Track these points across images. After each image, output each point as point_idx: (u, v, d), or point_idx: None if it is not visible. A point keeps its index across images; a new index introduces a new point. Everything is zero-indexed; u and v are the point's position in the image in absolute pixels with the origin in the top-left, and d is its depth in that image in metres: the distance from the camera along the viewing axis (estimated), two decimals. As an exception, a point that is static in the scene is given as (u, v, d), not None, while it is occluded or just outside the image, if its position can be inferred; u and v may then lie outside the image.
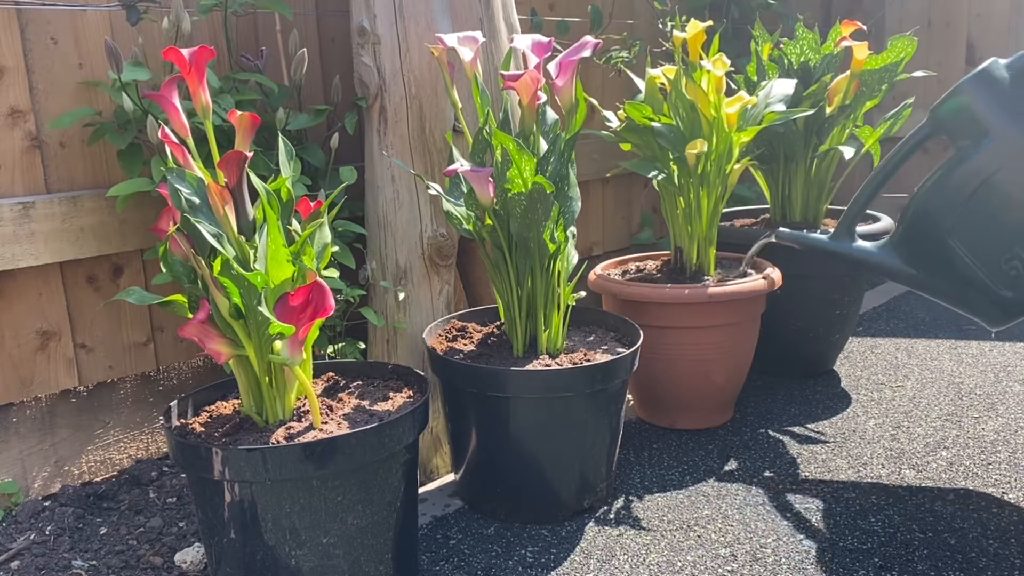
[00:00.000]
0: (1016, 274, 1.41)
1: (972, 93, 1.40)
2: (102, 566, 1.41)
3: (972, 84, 1.41)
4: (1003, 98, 1.39)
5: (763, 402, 2.03)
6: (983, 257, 1.43)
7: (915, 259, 1.54)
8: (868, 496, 1.57)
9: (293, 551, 1.16)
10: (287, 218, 1.21)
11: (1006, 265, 1.42)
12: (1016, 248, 1.40)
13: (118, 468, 1.70)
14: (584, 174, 2.43)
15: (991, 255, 1.42)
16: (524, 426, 1.44)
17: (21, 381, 1.55)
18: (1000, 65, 1.40)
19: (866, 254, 1.62)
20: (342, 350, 1.67)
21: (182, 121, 1.21)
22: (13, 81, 1.48)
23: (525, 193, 1.37)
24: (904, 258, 1.55)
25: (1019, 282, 1.41)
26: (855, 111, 2.07)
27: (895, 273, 1.58)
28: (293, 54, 1.65)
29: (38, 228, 1.49)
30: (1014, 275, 1.41)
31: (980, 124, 1.40)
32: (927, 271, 1.52)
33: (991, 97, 1.39)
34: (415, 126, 1.68)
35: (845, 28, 2.04)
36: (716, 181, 1.80)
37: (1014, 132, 1.37)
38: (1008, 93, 1.38)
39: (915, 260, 1.54)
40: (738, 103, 1.72)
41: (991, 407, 1.94)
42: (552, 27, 2.42)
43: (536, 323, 1.52)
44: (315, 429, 1.20)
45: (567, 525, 1.50)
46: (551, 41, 1.46)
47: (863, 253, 1.62)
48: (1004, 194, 1.39)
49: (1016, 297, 1.43)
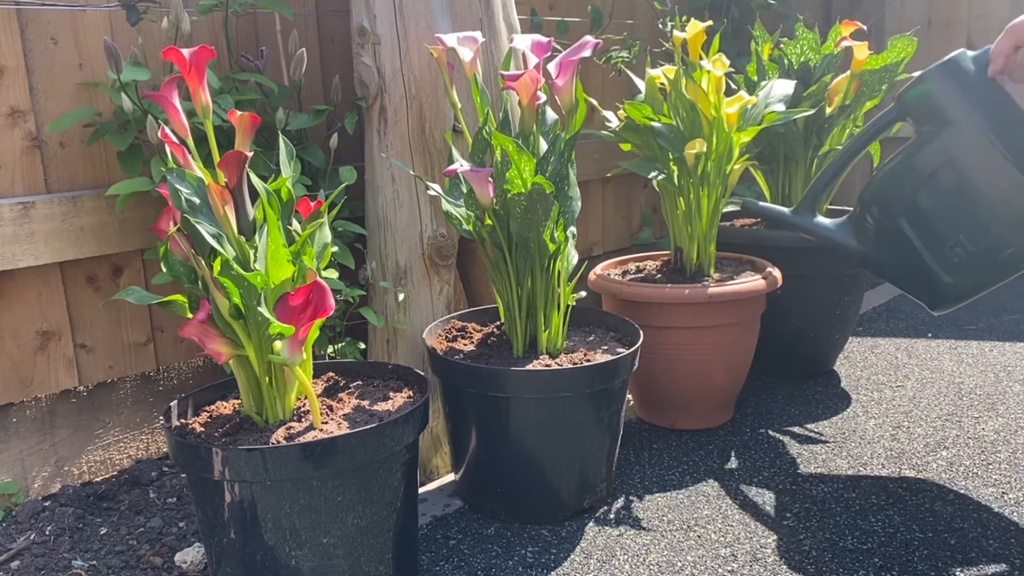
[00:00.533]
0: (959, 261, 1.43)
1: (938, 81, 1.42)
2: (102, 566, 1.41)
3: (938, 72, 1.43)
4: (966, 88, 1.40)
5: (763, 402, 2.03)
6: (930, 242, 1.45)
7: (867, 238, 1.57)
8: (868, 496, 1.57)
9: (293, 551, 1.16)
10: (287, 218, 1.21)
11: (950, 252, 1.44)
12: (961, 235, 1.42)
13: (118, 468, 1.70)
14: (584, 174, 2.43)
15: (938, 241, 1.45)
16: (524, 426, 1.44)
17: (21, 381, 1.55)
18: (967, 56, 1.41)
19: (823, 229, 1.64)
20: (342, 350, 1.67)
21: (182, 121, 1.21)
22: (13, 81, 1.48)
23: (525, 193, 1.37)
24: (859, 237, 1.58)
25: (961, 269, 1.44)
26: (855, 111, 2.07)
27: (847, 250, 1.61)
28: (293, 54, 1.65)
29: (38, 228, 1.49)
30: (957, 262, 1.44)
31: (942, 112, 1.42)
32: (877, 251, 1.56)
33: (955, 86, 1.41)
34: (415, 126, 1.68)
35: (845, 28, 2.04)
36: (716, 181, 1.81)
37: (973, 122, 1.39)
38: (971, 84, 1.40)
39: (867, 239, 1.57)
40: (738, 103, 1.72)
41: (991, 407, 1.94)
42: (552, 27, 2.42)
43: (536, 323, 1.52)
44: (315, 429, 1.20)
45: (567, 525, 1.50)
46: (551, 41, 1.46)
47: (820, 228, 1.65)
48: (957, 182, 1.41)
49: (956, 283, 1.46)
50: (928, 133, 1.44)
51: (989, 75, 1.39)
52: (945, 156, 1.41)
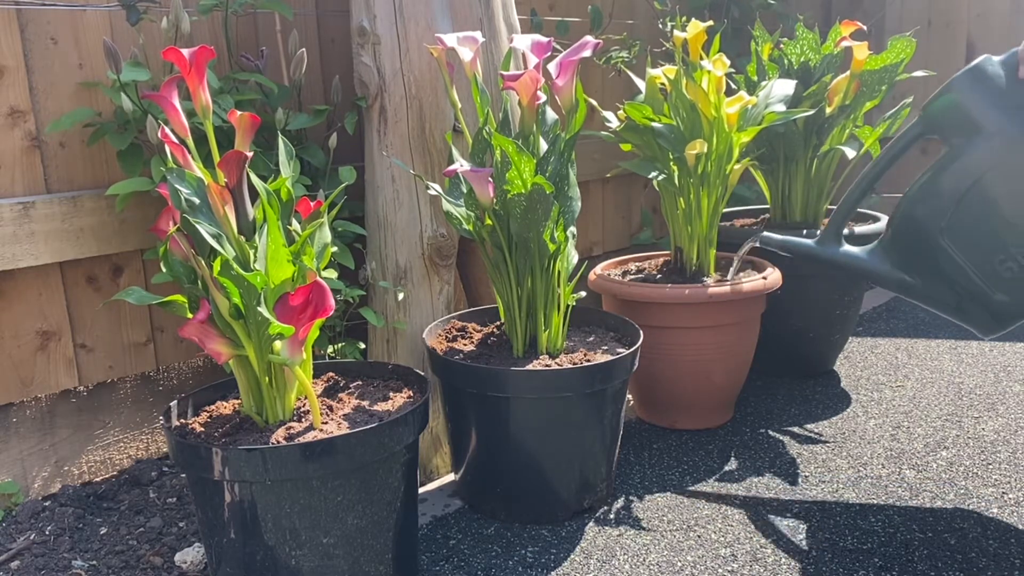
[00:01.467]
0: (1011, 276, 1.36)
1: (965, 90, 1.36)
2: (102, 566, 1.41)
3: (964, 81, 1.37)
4: (996, 95, 1.34)
5: (763, 402, 2.03)
6: (976, 259, 1.38)
7: (905, 263, 1.47)
8: (868, 496, 1.57)
9: (293, 551, 1.16)
10: (287, 218, 1.21)
11: (1000, 266, 1.36)
12: (1011, 248, 1.35)
13: (118, 468, 1.70)
14: (584, 174, 2.43)
15: (985, 256, 1.37)
16: (524, 426, 1.44)
17: (21, 381, 1.55)
18: (993, 62, 1.36)
19: (854, 259, 1.54)
20: (342, 350, 1.67)
21: (182, 121, 1.21)
22: (13, 81, 1.48)
23: (525, 194, 1.37)
24: (894, 262, 1.49)
25: (1014, 284, 1.36)
26: (855, 111, 2.07)
27: (884, 278, 1.51)
28: (293, 54, 1.65)
29: (38, 228, 1.49)
30: (1009, 277, 1.36)
31: (973, 121, 1.35)
32: (918, 276, 1.46)
33: (984, 94, 1.35)
34: (415, 126, 1.68)
35: (845, 28, 2.04)
36: (716, 181, 1.80)
37: (1008, 129, 1.33)
38: (1001, 90, 1.34)
39: (905, 264, 1.47)
40: (738, 103, 1.72)
41: (991, 407, 1.94)
42: (552, 27, 2.42)
43: (536, 323, 1.52)
44: (315, 429, 1.20)
45: (567, 525, 1.49)
46: (551, 41, 1.46)
47: (851, 258, 1.54)
48: (998, 192, 1.34)
49: (1010, 300, 1.38)
50: (960, 145, 1.37)
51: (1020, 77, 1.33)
52: (983, 166, 1.34)
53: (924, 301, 1.49)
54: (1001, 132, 1.34)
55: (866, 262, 1.52)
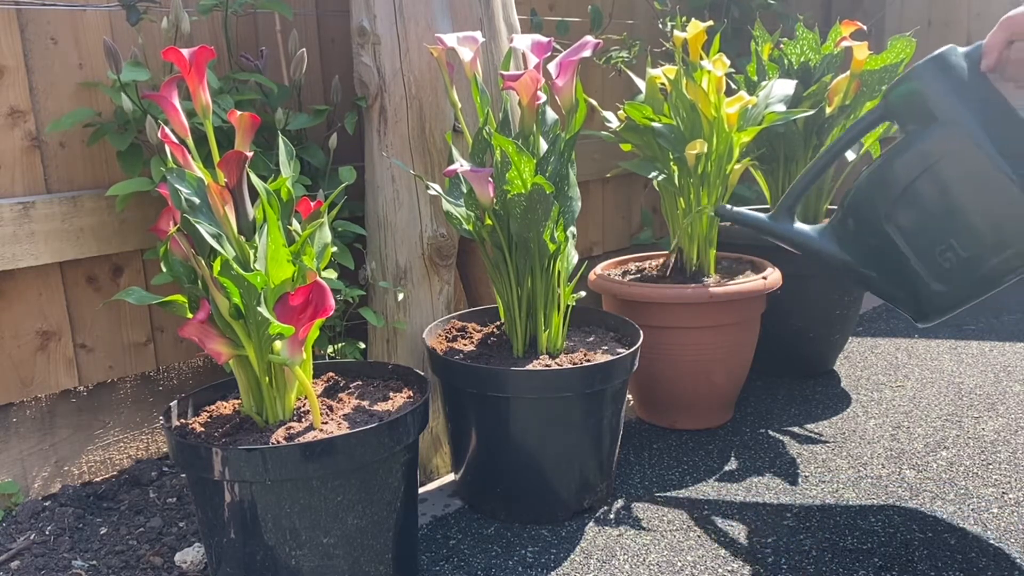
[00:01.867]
0: (950, 267, 1.35)
1: (925, 78, 1.35)
2: (102, 566, 1.41)
3: (927, 69, 1.35)
4: (955, 85, 1.33)
5: (763, 402, 2.03)
6: (919, 247, 1.38)
7: (851, 245, 1.48)
8: (868, 496, 1.57)
9: (293, 551, 1.16)
10: (287, 218, 1.21)
11: (940, 257, 1.36)
12: (952, 240, 1.35)
13: (118, 468, 1.70)
14: (584, 174, 2.43)
15: (927, 245, 1.37)
16: (524, 426, 1.44)
17: (21, 381, 1.55)
18: (958, 52, 1.34)
19: (804, 237, 1.54)
20: (342, 350, 1.67)
21: (182, 121, 1.21)
22: (13, 81, 1.48)
23: (525, 194, 1.37)
24: (841, 244, 1.49)
25: (952, 275, 1.36)
26: (855, 111, 2.07)
27: (830, 258, 1.51)
28: (293, 54, 1.65)
29: (38, 228, 1.49)
30: (947, 267, 1.36)
31: (929, 110, 1.34)
32: (861, 259, 1.47)
33: (944, 83, 1.33)
34: (415, 126, 1.68)
35: (845, 28, 2.04)
36: (716, 181, 1.80)
37: (963, 120, 1.31)
38: (962, 81, 1.32)
39: (851, 247, 1.48)
40: (738, 103, 1.72)
41: (991, 407, 1.94)
42: (552, 27, 2.42)
43: (536, 323, 1.52)
44: (315, 429, 1.20)
45: (567, 525, 1.49)
46: (551, 41, 1.46)
47: (801, 236, 1.54)
48: (946, 183, 1.33)
49: (947, 291, 1.38)
50: (914, 132, 1.37)
51: (981, 71, 1.32)
52: (934, 156, 1.34)
53: (865, 284, 1.50)
54: (955, 123, 1.32)
55: (815, 241, 1.53)
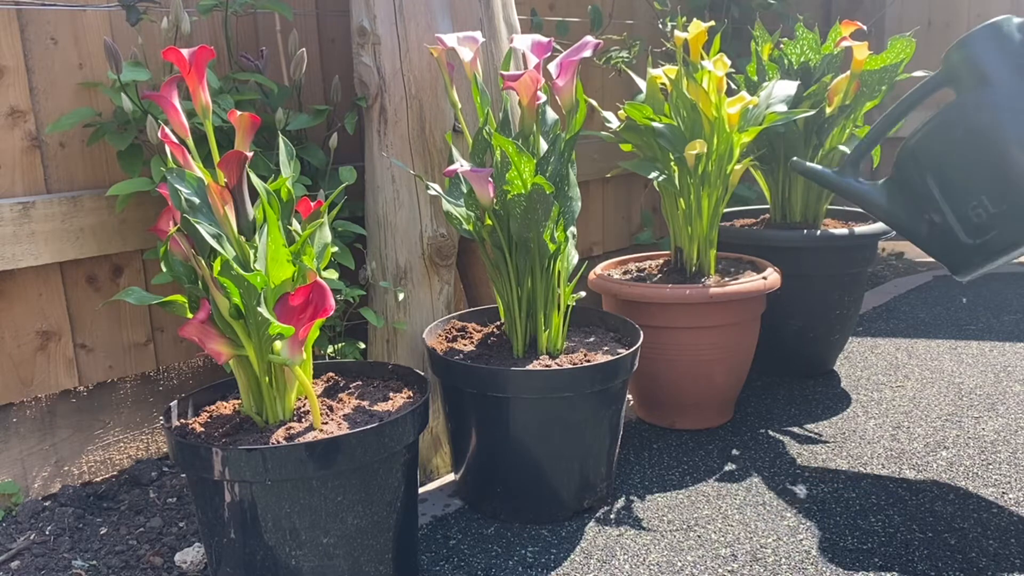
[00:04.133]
0: (979, 222, 1.46)
1: (979, 43, 1.45)
2: (102, 566, 1.41)
3: (981, 35, 1.46)
4: (1007, 52, 1.43)
5: (763, 402, 2.03)
6: (953, 201, 1.49)
7: (898, 198, 1.60)
8: (868, 496, 1.57)
9: (293, 551, 1.16)
10: (287, 218, 1.21)
11: (971, 212, 1.47)
12: (983, 197, 1.45)
13: (118, 468, 1.70)
14: (584, 174, 2.43)
15: (961, 200, 1.47)
16: (524, 426, 1.44)
17: (21, 381, 1.55)
18: (1012, 22, 1.45)
19: (859, 188, 1.68)
20: (342, 350, 1.67)
21: (182, 121, 1.21)
22: (13, 81, 1.48)
23: (525, 194, 1.37)
24: (891, 198, 1.61)
25: (980, 230, 1.46)
26: (855, 111, 2.07)
27: (879, 209, 1.64)
28: (293, 54, 1.65)
29: (38, 228, 1.49)
30: (977, 223, 1.46)
31: (981, 72, 1.44)
32: (905, 210, 1.59)
33: (997, 49, 1.44)
34: (415, 126, 1.68)
35: (845, 28, 2.04)
36: (717, 181, 1.80)
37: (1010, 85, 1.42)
38: (1014, 48, 1.43)
39: (897, 199, 1.60)
40: (739, 103, 1.72)
41: (991, 407, 1.94)
42: (552, 27, 2.42)
43: (536, 323, 1.52)
44: (315, 429, 1.20)
45: (567, 525, 1.49)
46: (551, 41, 1.46)
47: (857, 187, 1.68)
48: (984, 143, 1.43)
49: (976, 245, 1.48)
50: (965, 94, 1.47)
51: None
52: (976, 116, 1.44)
53: (906, 234, 1.63)
54: (1003, 86, 1.43)
55: (869, 194, 1.66)
